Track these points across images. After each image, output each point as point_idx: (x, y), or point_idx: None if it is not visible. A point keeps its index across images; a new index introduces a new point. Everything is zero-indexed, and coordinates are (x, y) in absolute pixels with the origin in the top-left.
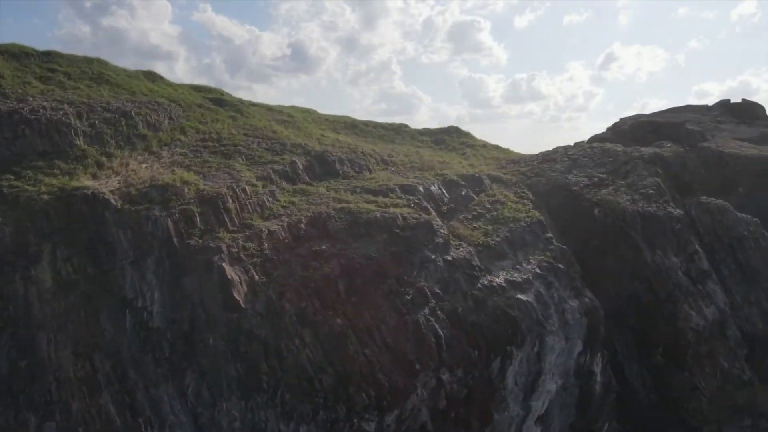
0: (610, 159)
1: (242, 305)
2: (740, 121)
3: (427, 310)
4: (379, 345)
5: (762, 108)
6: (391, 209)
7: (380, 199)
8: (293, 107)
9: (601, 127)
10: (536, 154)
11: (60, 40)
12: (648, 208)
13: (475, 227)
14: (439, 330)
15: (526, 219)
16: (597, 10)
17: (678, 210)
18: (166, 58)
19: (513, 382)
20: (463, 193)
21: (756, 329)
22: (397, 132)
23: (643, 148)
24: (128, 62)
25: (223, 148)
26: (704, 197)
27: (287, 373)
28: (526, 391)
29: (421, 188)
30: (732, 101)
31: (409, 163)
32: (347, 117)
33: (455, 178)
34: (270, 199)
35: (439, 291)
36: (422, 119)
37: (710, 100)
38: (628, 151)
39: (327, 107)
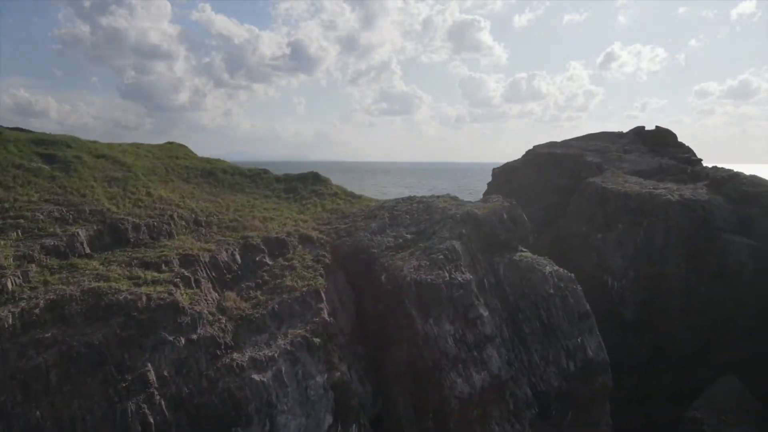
0: (427, 217)
1: None
2: (650, 149)
3: (143, 396)
4: None
5: (673, 135)
6: (143, 288)
7: (146, 273)
8: (161, 147)
9: (601, 127)
10: (366, 208)
11: (60, 39)
12: (427, 275)
13: (249, 298)
14: (149, 417)
15: (304, 288)
16: (596, 10)
17: (467, 275)
18: (166, 57)
19: None
20: (258, 258)
21: (551, 387)
22: (254, 179)
23: (466, 205)
24: (128, 62)
25: (1, 222)
26: (518, 254)
27: None
28: None
29: (206, 257)
30: (647, 128)
31: (227, 223)
32: (211, 162)
33: (257, 242)
34: (18, 281)
35: (167, 374)
36: (423, 118)
37: (711, 100)
38: (447, 209)
39: (327, 107)
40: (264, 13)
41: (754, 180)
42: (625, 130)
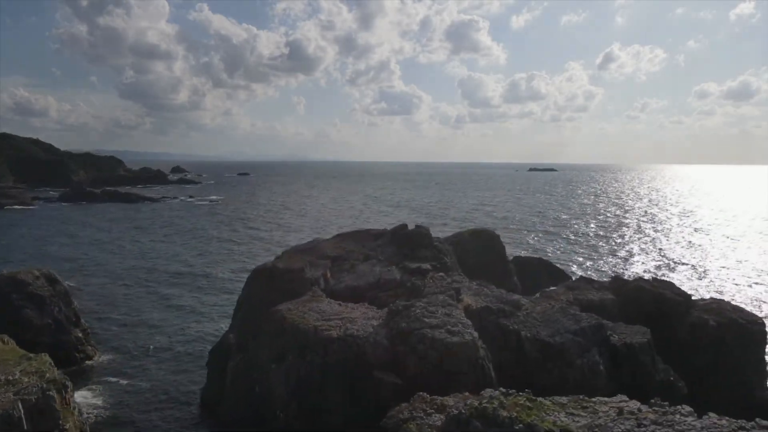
0: None
1: None
2: (399, 252)
3: None
4: None
5: (428, 237)
6: None
7: None
8: None
9: (602, 127)
10: None
11: (58, 39)
12: None
13: None
14: None
15: None
16: (594, 11)
17: None
18: (165, 57)
19: None
20: None
21: None
22: None
23: None
24: (126, 61)
25: None
26: None
27: None
28: None
29: None
30: (410, 227)
31: None
32: None
33: None
34: None
35: None
36: (422, 118)
37: (710, 100)
38: None
39: (327, 107)
40: (261, 12)
41: (419, 315)
42: (625, 131)
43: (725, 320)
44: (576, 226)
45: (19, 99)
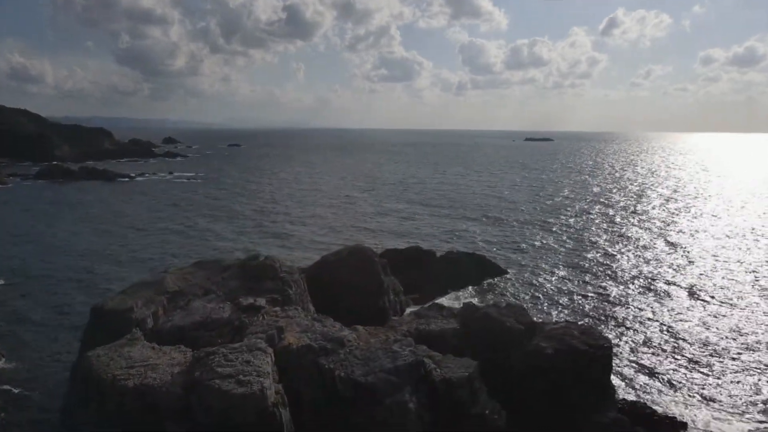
0: None
1: None
2: (243, 285)
3: None
4: None
5: (274, 270)
6: None
7: None
8: None
9: (606, 94)
10: None
11: (51, 3)
12: None
13: None
14: None
15: None
16: None
17: None
18: (161, 22)
19: None
20: None
21: None
22: None
23: None
24: (121, 26)
25: None
26: None
27: None
28: None
29: None
30: (258, 260)
31: None
32: None
33: None
34: None
35: None
36: (424, 84)
37: (716, 66)
38: None
39: (326, 73)
40: None
41: (214, 364)
42: (629, 98)
43: (564, 347)
44: (530, 210)
45: (14, 65)
